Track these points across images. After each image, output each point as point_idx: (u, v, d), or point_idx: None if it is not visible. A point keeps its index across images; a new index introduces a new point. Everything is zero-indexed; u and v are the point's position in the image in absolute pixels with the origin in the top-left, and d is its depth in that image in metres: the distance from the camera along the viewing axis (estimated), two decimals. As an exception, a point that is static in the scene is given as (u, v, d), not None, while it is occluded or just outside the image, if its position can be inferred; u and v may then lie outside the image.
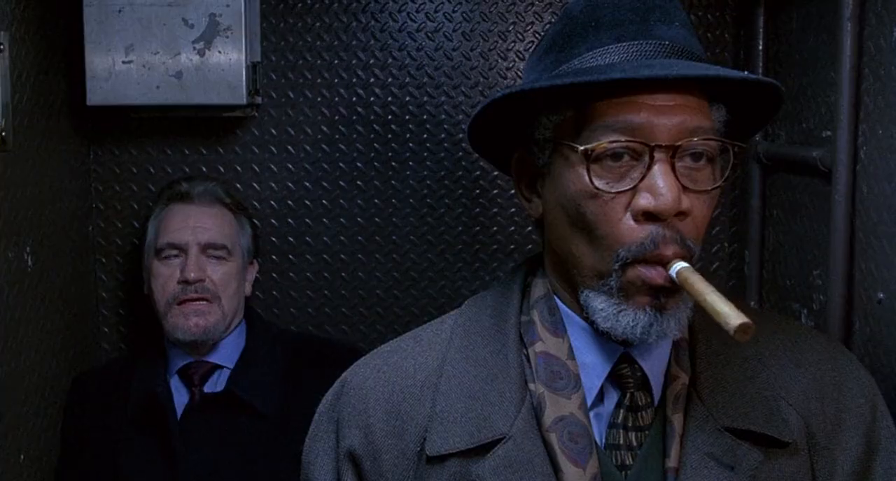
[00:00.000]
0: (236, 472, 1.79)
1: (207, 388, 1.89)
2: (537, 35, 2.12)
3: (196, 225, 1.91)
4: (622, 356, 1.03)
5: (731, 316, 0.86)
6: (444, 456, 1.02)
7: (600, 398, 1.05)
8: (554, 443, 0.99)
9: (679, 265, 0.93)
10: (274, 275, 2.16)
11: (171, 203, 1.95)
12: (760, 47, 1.98)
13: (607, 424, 1.03)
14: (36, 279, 1.83)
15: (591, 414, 1.03)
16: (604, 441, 1.03)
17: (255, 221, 2.06)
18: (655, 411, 1.03)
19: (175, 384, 1.90)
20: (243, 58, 1.94)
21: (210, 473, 1.78)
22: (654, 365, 1.04)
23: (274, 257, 2.15)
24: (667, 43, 0.98)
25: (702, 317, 1.03)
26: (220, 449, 1.80)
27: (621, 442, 1.02)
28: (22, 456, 1.77)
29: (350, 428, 1.09)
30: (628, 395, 1.03)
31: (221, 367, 1.92)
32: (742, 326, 0.85)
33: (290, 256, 2.17)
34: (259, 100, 2.09)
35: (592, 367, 1.04)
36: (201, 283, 1.88)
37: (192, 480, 1.77)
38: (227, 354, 1.93)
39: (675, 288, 0.95)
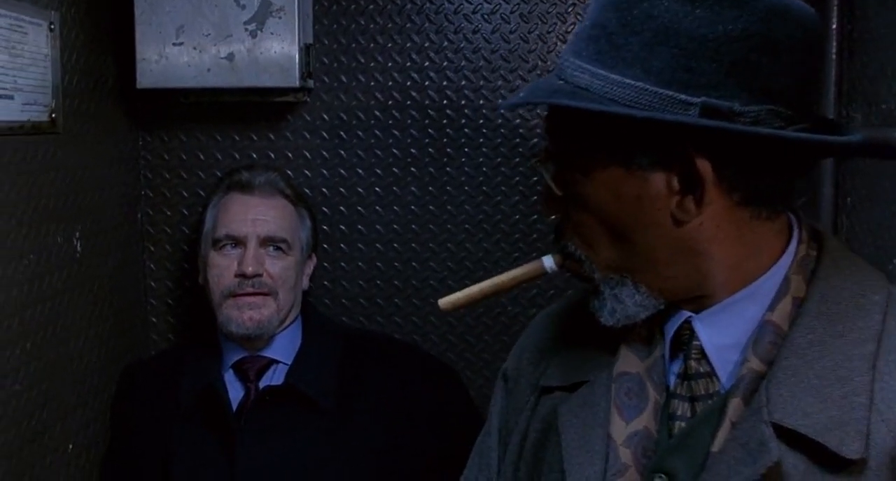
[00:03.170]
0: (295, 466, 1.74)
1: (263, 383, 1.83)
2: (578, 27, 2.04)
3: (256, 217, 1.85)
4: (685, 323, 1.02)
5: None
6: (551, 388, 1.12)
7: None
8: (612, 394, 1.04)
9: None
10: (325, 264, 2.10)
11: (231, 192, 1.89)
12: (834, 26, 1.88)
13: (670, 393, 1.03)
14: (84, 266, 1.80)
15: (672, 378, 1.03)
16: (666, 409, 1.02)
17: (315, 214, 2.00)
18: (727, 393, 0.97)
19: (229, 378, 1.85)
20: (296, 39, 1.88)
21: (269, 467, 1.73)
22: (717, 338, 1.00)
23: (325, 246, 2.10)
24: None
25: (819, 303, 0.96)
26: (279, 443, 1.75)
27: (679, 412, 1.01)
28: (70, 446, 1.73)
29: (513, 354, 1.25)
30: (685, 364, 1.01)
31: (277, 362, 1.86)
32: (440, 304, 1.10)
33: (342, 245, 2.11)
34: (311, 83, 2.04)
35: (667, 331, 1.04)
36: (259, 278, 1.82)
37: (251, 474, 1.72)
38: (282, 349, 1.87)
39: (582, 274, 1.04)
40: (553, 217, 1.07)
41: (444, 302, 1.10)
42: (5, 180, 1.51)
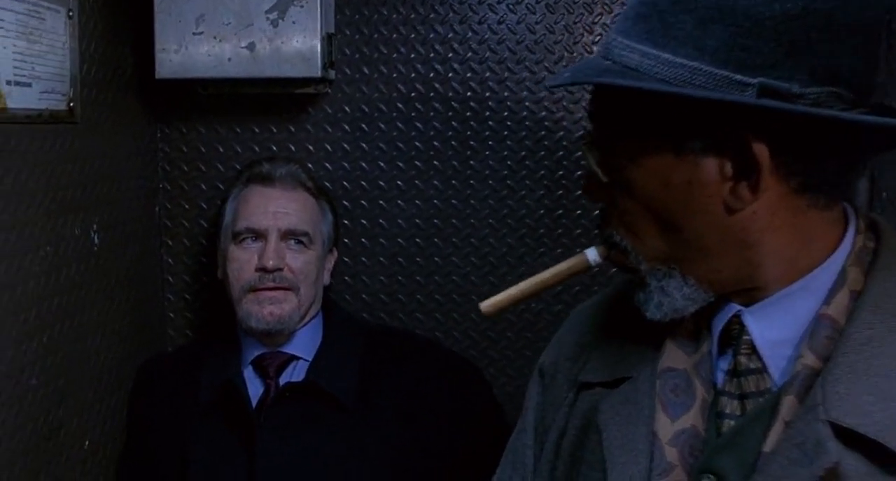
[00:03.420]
0: (316, 464, 1.70)
1: (283, 380, 1.79)
2: (625, 6, 1.99)
3: (277, 210, 1.81)
4: (734, 316, 0.97)
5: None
6: (591, 384, 1.08)
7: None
8: (657, 391, 0.99)
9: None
10: (346, 259, 2.06)
11: (251, 184, 1.85)
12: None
13: (718, 390, 0.98)
14: (102, 259, 1.76)
15: (719, 374, 0.98)
16: (714, 407, 0.97)
17: (336, 207, 1.96)
18: (780, 390, 0.92)
19: (249, 374, 1.81)
20: (318, 28, 1.84)
21: (289, 464, 1.69)
22: (768, 332, 0.95)
23: (346, 241, 2.05)
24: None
25: (878, 297, 0.91)
26: (300, 441, 1.71)
27: (728, 410, 0.96)
28: (87, 443, 1.69)
29: (550, 347, 1.20)
30: (734, 360, 0.97)
31: (298, 359, 1.82)
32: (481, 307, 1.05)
33: (363, 240, 2.07)
34: (333, 74, 1.99)
35: (715, 326, 0.99)
36: (280, 272, 1.78)
37: (271, 471, 1.68)
38: (303, 345, 1.83)
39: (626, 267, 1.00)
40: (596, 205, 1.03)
41: (486, 305, 1.05)
42: (23, 169, 1.47)
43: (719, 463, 0.92)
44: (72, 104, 1.64)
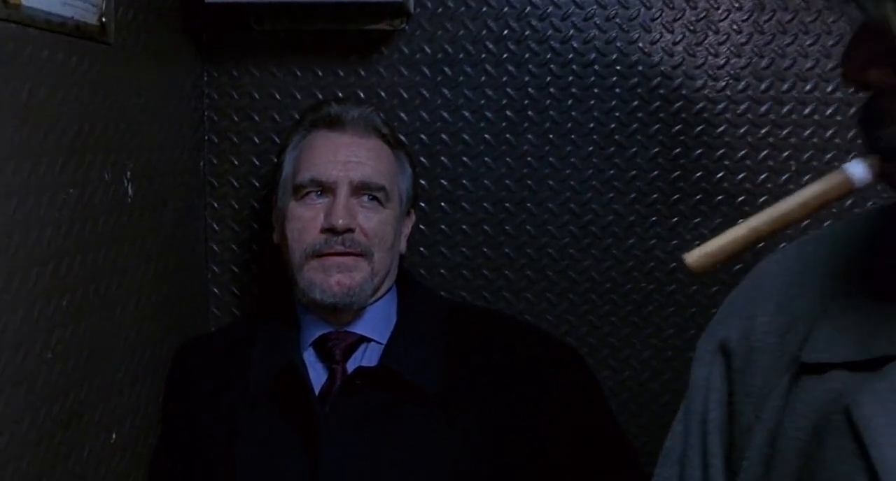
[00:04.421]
0: (392, 461, 1.39)
1: (352, 364, 1.49)
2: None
3: (348, 158, 1.50)
4: None
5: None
6: (823, 366, 0.78)
7: None
8: None
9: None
10: (422, 226, 1.75)
11: (316, 129, 1.55)
12: None
13: None
14: (136, 214, 1.46)
15: None
16: None
17: (415, 161, 1.65)
18: None
19: (309, 358, 1.51)
20: (400, -58, 1.54)
21: (360, 462, 1.38)
22: None
23: (422, 205, 1.74)
24: None
25: None
26: (372, 435, 1.40)
27: None
28: (113, 436, 1.39)
29: (733, 316, 0.89)
30: None
31: (368, 340, 1.52)
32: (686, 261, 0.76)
33: (443, 204, 1.76)
34: (412, 5, 1.69)
35: None
36: (350, 234, 1.48)
37: (338, 470, 1.37)
38: (374, 324, 1.53)
39: None
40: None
41: (694, 257, 0.76)
42: (41, 86, 1.17)
43: None
44: (104, 20, 1.34)
